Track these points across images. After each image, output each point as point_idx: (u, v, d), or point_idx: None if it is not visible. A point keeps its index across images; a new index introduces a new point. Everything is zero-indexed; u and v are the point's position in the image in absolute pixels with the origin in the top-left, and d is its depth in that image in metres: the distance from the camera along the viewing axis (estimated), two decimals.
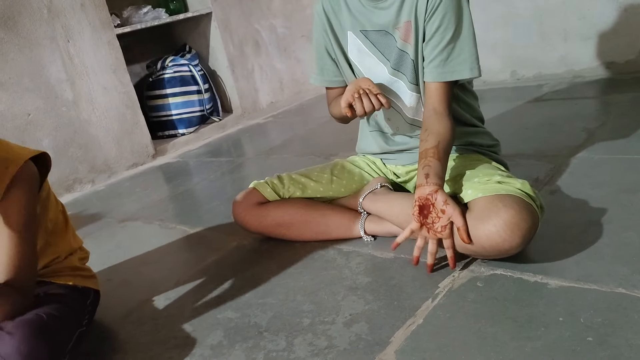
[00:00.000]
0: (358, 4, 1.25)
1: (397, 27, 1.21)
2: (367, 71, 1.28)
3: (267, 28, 3.15)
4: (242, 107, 3.05)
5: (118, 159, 2.52)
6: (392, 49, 1.23)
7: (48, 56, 2.27)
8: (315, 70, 1.40)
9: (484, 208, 1.02)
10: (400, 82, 1.25)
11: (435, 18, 1.14)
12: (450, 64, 1.15)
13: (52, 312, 0.96)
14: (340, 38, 1.31)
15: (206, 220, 1.72)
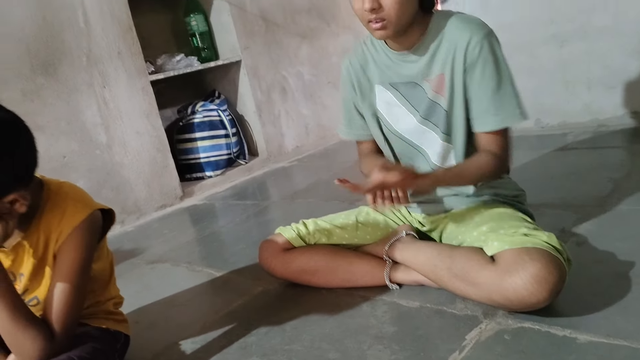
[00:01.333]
0: (386, 58, 1.29)
1: (427, 78, 1.24)
2: (396, 122, 1.32)
3: (294, 75, 3.24)
4: (268, 151, 3.12)
5: (147, 201, 2.58)
6: (422, 100, 1.26)
7: (85, 101, 2.37)
8: (343, 123, 1.44)
9: (510, 261, 1.03)
10: (430, 132, 1.28)
11: (477, 70, 1.17)
12: (501, 112, 1.17)
13: (84, 355, 0.99)
14: (369, 92, 1.35)
15: (232, 263, 1.75)
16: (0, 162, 0.89)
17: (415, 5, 1.17)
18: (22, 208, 0.96)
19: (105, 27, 2.43)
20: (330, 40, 3.46)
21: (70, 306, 0.99)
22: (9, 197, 0.93)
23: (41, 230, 1.02)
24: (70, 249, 1.00)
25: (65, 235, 1.00)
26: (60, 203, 1.03)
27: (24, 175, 0.95)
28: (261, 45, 3.06)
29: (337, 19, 3.48)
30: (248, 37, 3.00)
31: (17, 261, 1.06)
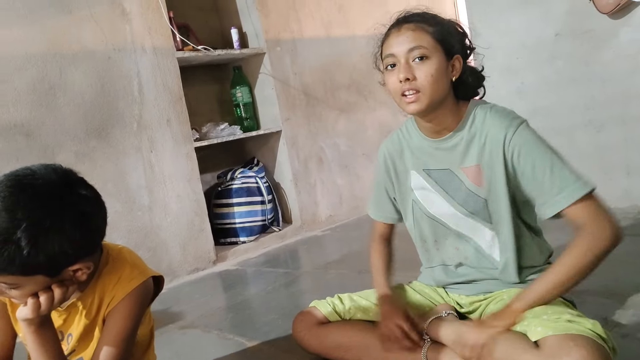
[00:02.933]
0: (420, 144, 1.33)
1: (463, 167, 1.27)
2: (430, 205, 1.34)
3: (330, 146, 3.33)
4: (301, 219, 3.15)
5: (181, 264, 2.62)
6: (458, 188, 1.28)
7: (132, 164, 2.48)
8: (372, 203, 1.50)
9: (555, 346, 1.01)
10: (469, 219, 1.29)
11: (525, 156, 1.17)
12: (565, 188, 1.15)
13: None
14: (404, 177, 1.38)
15: (264, 333, 1.74)
16: (75, 235, 0.90)
17: (446, 88, 1.21)
18: (84, 277, 0.98)
19: (157, 96, 2.57)
20: (367, 115, 3.56)
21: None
22: (75, 267, 0.96)
23: (96, 292, 1.06)
24: (121, 315, 1.03)
25: (118, 299, 1.03)
26: (117, 267, 1.06)
27: (94, 247, 0.99)
28: (301, 117, 3.18)
29: (375, 94, 3.60)
30: (289, 109, 3.12)
31: (69, 321, 1.09)
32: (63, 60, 2.31)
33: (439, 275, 1.39)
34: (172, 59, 2.64)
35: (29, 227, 0.85)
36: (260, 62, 3.07)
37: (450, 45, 1.21)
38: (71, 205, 0.91)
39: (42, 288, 0.95)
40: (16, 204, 0.85)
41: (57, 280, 0.96)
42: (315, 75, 3.28)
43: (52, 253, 0.88)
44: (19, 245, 0.84)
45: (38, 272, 0.91)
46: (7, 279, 0.90)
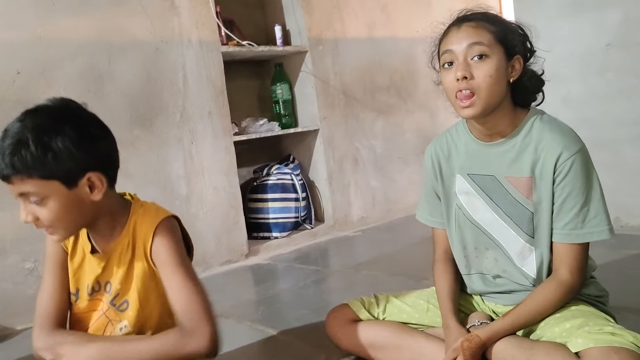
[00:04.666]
0: (470, 147, 1.31)
1: (509, 176, 1.24)
2: (474, 211, 1.32)
3: (367, 147, 3.33)
4: (334, 218, 3.16)
5: (215, 255, 2.66)
6: (503, 197, 1.25)
7: (173, 154, 2.53)
8: (423, 209, 1.45)
9: (597, 359, 0.99)
10: (510, 230, 1.27)
11: (566, 185, 1.16)
12: (587, 226, 1.16)
13: None
14: (449, 182, 1.36)
15: (294, 328, 1.76)
16: (75, 136, 1.03)
17: (504, 90, 1.19)
18: (99, 195, 1.07)
19: (200, 89, 2.62)
20: (405, 117, 3.55)
21: (190, 294, 1.07)
22: (87, 176, 1.05)
23: (130, 236, 1.14)
24: (164, 244, 1.10)
25: (149, 235, 1.11)
26: (146, 212, 1.15)
27: (105, 160, 1.10)
28: (339, 117, 3.19)
29: (414, 97, 3.58)
30: (327, 109, 3.13)
31: (108, 269, 1.16)
32: (112, 50, 2.37)
33: (476, 283, 1.37)
34: (217, 53, 2.68)
35: (34, 129, 1.01)
36: (301, 60, 3.09)
37: (512, 46, 1.19)
38: (71, 113, 1.07)
39: (63, 203, 1.04)
40: (25, 116, 1.04)
41: (75, 193, 1.05)
42: (355, 76, 3.29)
43: (57, 151, 1.01)
44: (28, 145, 0.99)
45: (54, 176, 1.02)
46: (30, 185, 1.01)
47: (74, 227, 1.11)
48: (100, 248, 1.17)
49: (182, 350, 1.05)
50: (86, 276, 1.18)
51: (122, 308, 1.17)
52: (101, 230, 1.16)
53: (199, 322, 1.06)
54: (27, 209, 1.04)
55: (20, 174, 1.00)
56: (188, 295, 1.08)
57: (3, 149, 1.00)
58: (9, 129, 1.02)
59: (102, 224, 1.14)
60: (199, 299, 1.08)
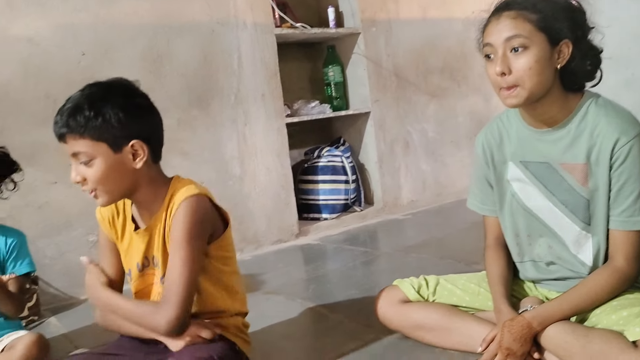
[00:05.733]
0: (521, 134, 1.28)
1: (564, 163, 1.21)
2: (527, 199, 1.30)
3: (418, 131, 3.30)
4: (383, 201, 3.17)
5: (266, 234, 2.73)
6: (559, 184, 1.23)
7: (227, 135, 2.60)
8: (475, 197, 1.44)
9: None
10: (565, 218, 1.24)
11: (625, 168, 1.13)
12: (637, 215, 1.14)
13: (221, 356, 1.08)
14: (501, 169, 1.34)
15: (344, 307, 1.79)
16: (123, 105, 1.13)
17: (550, 78, 1.15)
18: (139, 163, 1.15)
19: (254, 71, 2.67)
20: (458, 101, 3.48)
21: (181, 277, 1.12)
22: (133, 142, 1.13)
23: (165, 210, 1.19)
24: (179, 220, 1.14)
25: (175, 207, 1.15)
26: (179, 188, 1.19)
27: (149, 131, 1.18)
28: (391, 99, 3.17)
29: (468, 80, 3.51)
30: (379, 91, 3.12)
31: (151, 243, 1.22)
32: (170, 32, 2.44)
33: (529, 270, 1.36)
34: (271, 35, 2.71)
35: (89, 96, 1.14)
36: (354, 42, 3.08)
37: (556, 31, 1.14)
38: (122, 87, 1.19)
39: (108, 165, 1.13)
40: (85, 88, 1.17)
41: (119, 158, 1.14)
42: (408, 58, 3.25)
43: (107, 116, 1.11)
44: (82, 109, 1.11)
45: (102, 138, 1.12)
46: (81, 145, 1.12)
47: (116, 191, 1.17)
48: (143, 224, 1.24)
49: (146, 320, 1.14)
50: (135, 254, 1.25)
51: (164, 281, 1.22)
52: (142, 202, 1.22)
53: (169, 303, 1.12)
54: (77, 169, 1.14)
55: (73, 133, 1.12)
56: (176, 275, 1.13)
57: (62, 111, 1.13)
58: (71, 97, 1.16)
59: (143, 195, 1.21)
60: (182, 281, 1.12)
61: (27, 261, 1.55)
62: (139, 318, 1.15)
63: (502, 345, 1.18)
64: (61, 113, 1.13)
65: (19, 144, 1.67)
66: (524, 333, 1.17)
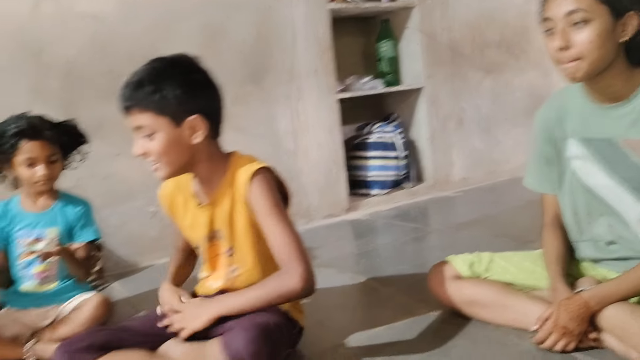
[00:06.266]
0: (584, 110, 1.24)
1: (627, 139, 1.18)
2: (588, 178, 1.27)
3: (472, 107, 3.23)
4: (434, 178, 3.14)
5: (317, 208, 2.76)
6: (622, 161, 1.19)
7: (281, 111, 2.63)
8: (531, 174, 1.42)
9: None
10: (629, 196, 1.20)
11: None
12: None
13: (278, 323, 1.12)
14: (562, 146, 1.31)
15: (395, 281, 1.81)
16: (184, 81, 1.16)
17: (613, 52, 1.11)
18: (198, 138, 1.18)
19: (308, 46, 2.67)
20: (515, 76, 3.38)
21: (288, 237, 1.17)
22: (192, 117, 1.16)
23: (229, 184, 1.23)
24: (258, 193, 1.19)
25: (248, 182, 1.19)
26: (242, 163, 1.24)
27: (208, 107, 1.21)
28: (445, 75, 3.11)
29: (527, 54, 3.39)
30: (433, 66, 3.06)
31: (215, 217, 1.26)
32: (229, 8, 2.48)
33: (588, 250, 1.33)
34: (324, 10, 2.71)
35: (152, 71, 1.18)
36: (408, 16, 3.03)
37: (620, 3, 1.10)
38: (183, 63, 1.22)
39: (169, 139, 1.16)
40: (149, 62, 1.20)
41: (179, 132, 1.17)
42: (464, 31, 3.16)
43: (168, 91, 1.15)
44: (146, 83, 1.15)
45: (164, 112, 1.15)
46: (144, 119, 1.16)
47: (176, 165, 1.21)
48: (205, 199, 1.28)
49: (281, 291, 1.16)
50: (200, 229, 1.30)
51: (230, 254, 1.27)
52: (203, 177, 1.27)
53: (293, 262, 1.16)
54: (139, 142, 1.19)
55: (136, 106, 1.16)
56: (282, 237, 1.18)
57: (127, 85, 1.18)
58: (136, 71, 1.20)
59: (203, 170, 1.25)
60: (292, 240, 1.18)
61: (93, 229, 1.64)
62: (273, 295, 1.16)
63: (558, 324, 1.18)
64: (126, 86, 1.18)
65: (85, 118, 1.75)
66: (581, 312, 1.16)
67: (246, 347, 1.02)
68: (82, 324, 1.44)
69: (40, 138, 1.51)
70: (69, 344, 1.20)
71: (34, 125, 1.51)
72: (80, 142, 1.64)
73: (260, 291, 1.17)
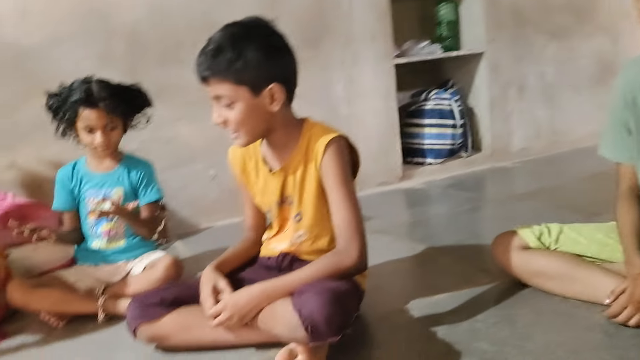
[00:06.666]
0: None
1: None
2: None
3: (535, 74, 3.10)
4: (492, 148, 3.05)
5: (371, 176, 2.74)
6: None
7: (336, 76, 2.60)
8: (609, 143, 1.34)
9: None
10: None
11: None
12: None
13: (348, 288, 1.13)
14: None
15: (454, 250, 1.78)
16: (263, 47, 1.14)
17: None
18: (276, 107, 1.17)
19: (364, 12, 2.61)
20: (582, 42, 3.20)
21: (351, 212, 1.17)
22: (272, 86, 1.15)
23: (303, 151, 1.23)
24: (331, 162, 1.19)
25: (322, 150, 1.19)
26: (317, 130, 1.24)
27: (287, 74, 1.20)
28: (507, 39, 2.98)
29: (594, 19, 3.20)
30: (495, 30, 2.94)
31: (286, 184, 1.27)
32: None
33: None
34: None
35: (231, 37, 1.14)
36: None
37: None
38: (262, 27, 1.19)
39: (247, 108, 1.15)
40: (225, 28, 1.17)
41: (258, 101, 1.16)
42: None
43: (249, 59, 1.12)
44: (225, 50, 1.12)
45: (243, 81, 1.13)
46: (223, 88, 1.14)
47: (255, 133, 1.22)
48: (277, 165, 1.28)
49: (338, 267, 1.15)
50: (271, 194, 1.30)
51: (298, 219, 1.28)
52: (277, 144, 1.26)
53: (351, 240, 1.16)
54: (218, 111, 1.18)
55: (216, 76, 1.14)
56: (345, 212, 1.18)
57: (205, 53, 1.15)
58: (212, 38, 1.17)
59: (277, 137, 1.25)
60: (353, 218, 1.18)
61: (156, 189, 1.68)
62: (326, 272, 1.14)
63: (634, 298, 1.14)
64: (204, 55, 1.15)
65: (147, 83, 1.77)
66: None
67: (320, 311, 1.02)
68: (154, 283, 1.49)
69: (97, 107, 1.54)
70: (142, 299, 1.25)
71: (92, 94, 1.53)
72: (143, 106, 1.67)
73: (315, 270, 1.15)
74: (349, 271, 1.17)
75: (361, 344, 1.25)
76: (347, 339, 1.16)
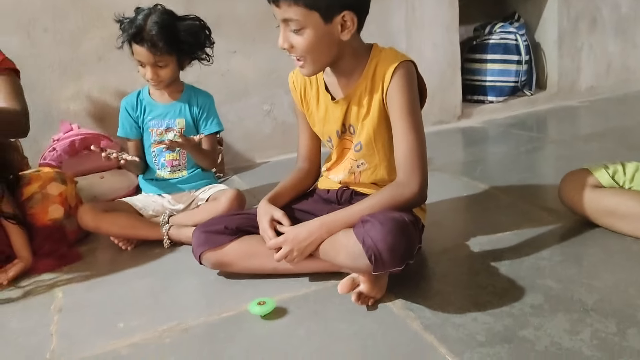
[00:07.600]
0: None
1: None
2: None
3: (610, 5, 2.87)
4: (558, 86, 2.90)
5: (427, 113, 2.62)
6: None
7: (395, 6, 2.49)
8: None
9: None
10: None
11: None
12: None
13: (411, 219, 1.11)
14: None
15: (517, 189, 1.73)
16: None
17: None
18: (347, 35, 1.12)
19: None
20: None
21: (415, 144, 1.13)
22: (344, 13, 1.09)
23: (368, 79, 1.17)
24: (399, 87, 1.13)
25: (389, 75, 1.14)
26: (385, 55, 1.18)
27: (360, 2, 1.12)
28: None
29: None
30: None
31: (349, 111, 1.23)
32: None
33: None
34: None
35: None
36: None
37: None
38: None
39: (317, 35, 1.10)
40: None
41: (328, 29, 1.10)
42: None
43: None
44: None
45: (315, 6, 1.07)
46: (294, 12, 1.08)
47: (322, 61, 1.17)
48: (340, 94, 1.24)
49: (398, 199, 1.12)
50: (333, 123, 1.27)
51: (358, 149, 1.25)
52: (343, 72, 1.21)
53: (413, 172, 1.13)
54: (286, 35, 1.13)
55: None
56: (409, 143, 1.13)
57: None
58: None
59: (345, 65, 1.20)
60: (417, 149, 1.13)
61: (216, 121, 1.69)
62: (386, 204, 1.12)
63: None
64: None
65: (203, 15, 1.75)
66: None
67: (383, 240, 1.01)
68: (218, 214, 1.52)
69: (145, 45, 1.51)
70: (207, 226, 1.28)
71: (144, 29, 1.51)
72: (203, 45, 1.62)
73: (376, 201, 1.13)
74: (409, 203, 1.14)
75: (421, 276, 1.24)
76: (407, 271, 1.15)
